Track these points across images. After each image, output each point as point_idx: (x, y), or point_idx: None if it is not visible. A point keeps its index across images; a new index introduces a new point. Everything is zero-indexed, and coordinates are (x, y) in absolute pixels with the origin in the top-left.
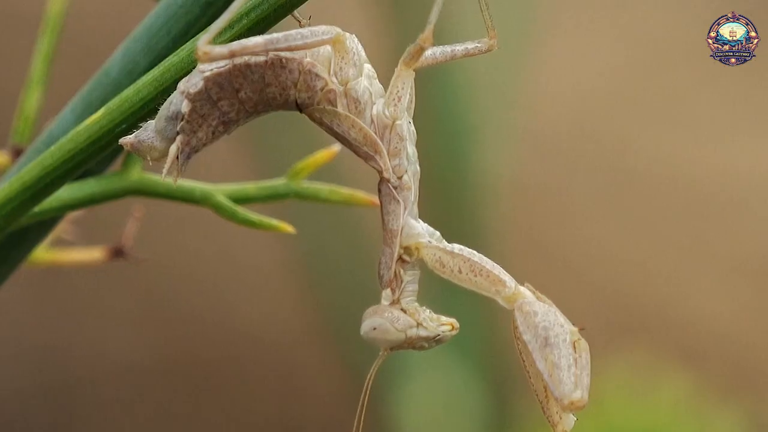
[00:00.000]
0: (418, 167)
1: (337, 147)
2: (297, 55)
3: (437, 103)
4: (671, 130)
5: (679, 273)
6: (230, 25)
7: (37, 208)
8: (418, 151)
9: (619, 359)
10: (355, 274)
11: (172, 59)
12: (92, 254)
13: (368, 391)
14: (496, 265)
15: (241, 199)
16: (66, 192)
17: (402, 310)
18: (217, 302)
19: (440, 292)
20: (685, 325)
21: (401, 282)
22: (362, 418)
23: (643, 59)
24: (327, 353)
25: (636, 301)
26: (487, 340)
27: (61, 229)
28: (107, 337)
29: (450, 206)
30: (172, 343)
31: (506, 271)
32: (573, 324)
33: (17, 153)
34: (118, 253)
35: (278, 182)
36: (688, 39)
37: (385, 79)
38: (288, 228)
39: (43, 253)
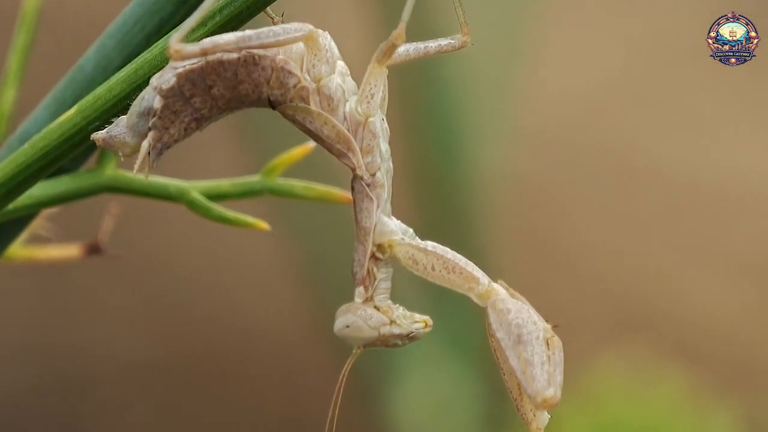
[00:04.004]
0: (392, 164)
1: (312, 144)
2: (270, 52)
3: (433, 99)
4: (668, 127)
5: (677, 270)
6: (203, 23)
7: (11, 206)
8: (413, 148)
9: (616, 355)
10: None
11: (145, 56)
12: (68, 251)
13: (342, 388)
14: (469, 262)
15: (216, 196)
16: (40, 189)
17: (375, 307)
18: (216, 300)
19: (431, 289)
20: (682, 321)
21: (374, 279)
22: (336, 415)
23: (642, 58)
24: (324, 350)
25: (633, 298)
26: (481, 336)
27: (37, 225)
28: (106, 336)
29: (446, 203)
30: (171, 342)
31: (499, 269)
32: (547, 321)
33: None
34: (94, 249)
35: (253, 179)
36: (688, 39)
37: (361, 77)
38: (263, 225)
39: (18, 249)
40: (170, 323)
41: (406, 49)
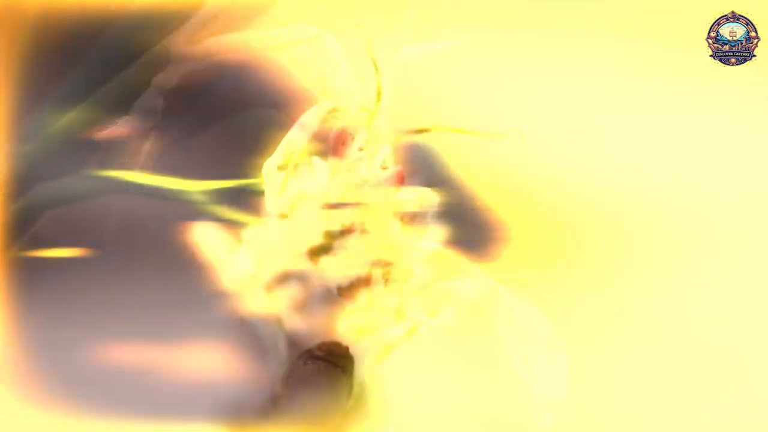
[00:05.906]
0: None
1: None
2: None
3: None
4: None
5: None
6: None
7: (16, 206)
8: None
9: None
10: None
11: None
12: (72, 252)
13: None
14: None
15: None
16: (45, 191)
17: None
18: None
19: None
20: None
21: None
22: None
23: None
24: None
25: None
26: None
27: (41, 225)
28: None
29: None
30: None
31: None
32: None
33: None
34: (102, 249)
35: (255, 180)
36: (688, 39)
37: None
38: None
39: (23, 249)
40: None
41: None
